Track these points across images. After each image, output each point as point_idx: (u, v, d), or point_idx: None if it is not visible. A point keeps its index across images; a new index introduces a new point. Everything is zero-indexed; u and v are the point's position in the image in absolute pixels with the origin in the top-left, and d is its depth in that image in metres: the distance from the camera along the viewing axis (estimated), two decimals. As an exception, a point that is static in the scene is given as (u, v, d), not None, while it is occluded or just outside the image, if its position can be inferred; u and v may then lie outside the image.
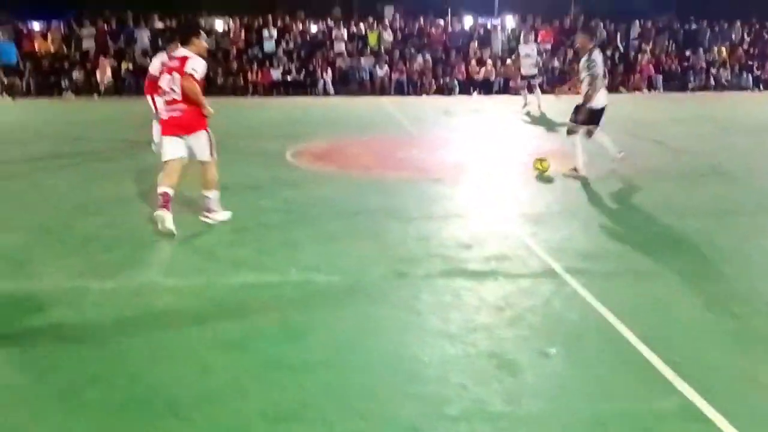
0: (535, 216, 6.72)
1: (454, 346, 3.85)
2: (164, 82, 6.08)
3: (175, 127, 6.05)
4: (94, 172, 9.14)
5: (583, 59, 8.54)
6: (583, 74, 8.50)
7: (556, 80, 22.61)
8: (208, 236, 6.05)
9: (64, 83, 21.23)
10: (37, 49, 22.28)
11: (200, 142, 6.12)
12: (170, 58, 6.43)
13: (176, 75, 5.96)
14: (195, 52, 6.07)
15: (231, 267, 5.18)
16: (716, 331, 4.11)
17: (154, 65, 10.24)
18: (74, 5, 26.93)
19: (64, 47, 22.53)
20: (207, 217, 6.35)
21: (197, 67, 5.95)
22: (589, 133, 8.68)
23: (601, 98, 8.49)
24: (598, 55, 8.41)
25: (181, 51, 6.12)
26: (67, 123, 15.00)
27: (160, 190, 5.98)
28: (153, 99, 10.20)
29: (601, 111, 8.59)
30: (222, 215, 6.39)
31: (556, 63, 23.21)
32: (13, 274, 5.00)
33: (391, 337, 3.99)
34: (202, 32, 6.35)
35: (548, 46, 23.56)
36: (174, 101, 6.01)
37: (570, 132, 8.75)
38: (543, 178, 8.66)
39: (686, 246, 5.81)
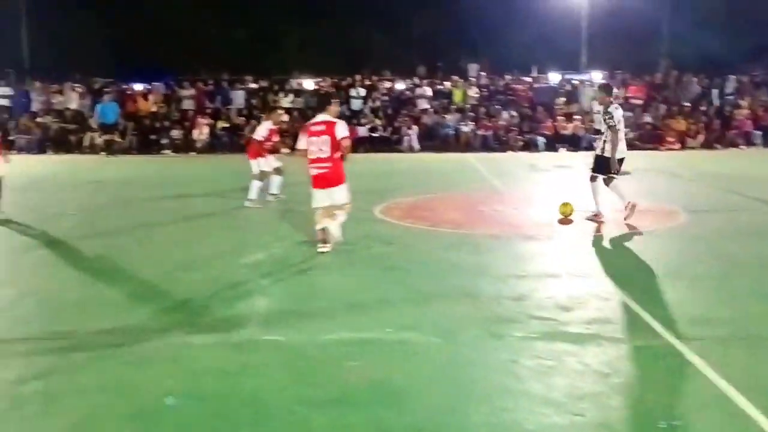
0: (636, 276, 6.46)
1: (560, 415, 3.68)
2: (312, 145, 7.27)
3: (323, 182, 7.28)
4: (193, 227, 9.47)
5: (602, 114, 9.20)
6: (603, 127, 9.19)
7: (647, 135, 22.12)
8: (304, 291, 6.11)
9: (164, 141, 22.33)
10: (138, 109, 23.61)
11: (342, 192, 7.39)
12: (312, 123, 7.52)
13: (325, 137, 7.20)
14: (332, 116, 7.44)
15: (327, 323, 5.18)
16: None
17: (260, 132, 11.43)
18: (174, 68, 28.56)
19: (165, 107, 23.79)
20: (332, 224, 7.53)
21: (346, 130, 7.39)
22: (593, 178, 9.27)
23: (619, 149, 8.98)
24: (615, 110, 8.97)
25: (322, 116, 7.42)
26: (167, 180, 15.68)
27: (318, 227, 7.42)
28: (257, 161, 11.20)
29: (620, 161, 9.07)
30: (338, 233, 7.56)
31: (648, 119, 22.69)
32: (117, 328, 5.15)
33: (492, 402, 3.86)
34: (334, 100, 7.86)
35: (639, 102, 23.12)
36: (320, 159, 7.24)
37: (608, 182, 9.16)
38: (567, 221, 9.20)
39: (805, 312, 5.42)
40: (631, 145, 21.26)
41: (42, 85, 24.30)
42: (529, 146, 21.89)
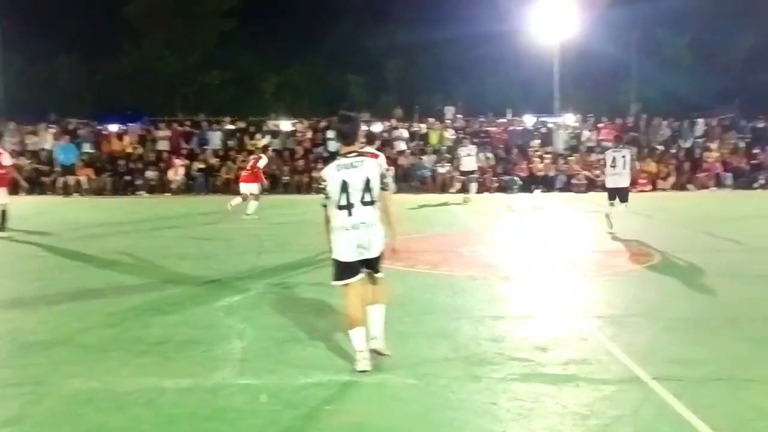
0: (613, 317, 6.49)
1: (540, 457, 3.65)
2: None
3: None
4: (167, 269, 9.32)
5: None
6: None
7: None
8: (279, 334, 6.03)
9: (138, 182, 22.17)
10: (113, 150, 23.47)
11: None
12: None
13: None
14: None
15: (303, 366, 5.10)
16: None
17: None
18: (149, 109, 28.60)
19: (140, 148, 23.68)
20: None
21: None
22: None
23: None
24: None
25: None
26: (141, 220, 15.51)
27: None
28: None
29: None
30: None
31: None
32: (91, 372, 5.03)
33: (472, 445, 3.82)
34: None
35: (610, 144, 23.51)
36: None
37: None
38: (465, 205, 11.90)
39: (779, 351, 5.47)
40: (602, 187, 21.81)
41: (16, 126, 24.11)
42: (505, 188, 22.11)
